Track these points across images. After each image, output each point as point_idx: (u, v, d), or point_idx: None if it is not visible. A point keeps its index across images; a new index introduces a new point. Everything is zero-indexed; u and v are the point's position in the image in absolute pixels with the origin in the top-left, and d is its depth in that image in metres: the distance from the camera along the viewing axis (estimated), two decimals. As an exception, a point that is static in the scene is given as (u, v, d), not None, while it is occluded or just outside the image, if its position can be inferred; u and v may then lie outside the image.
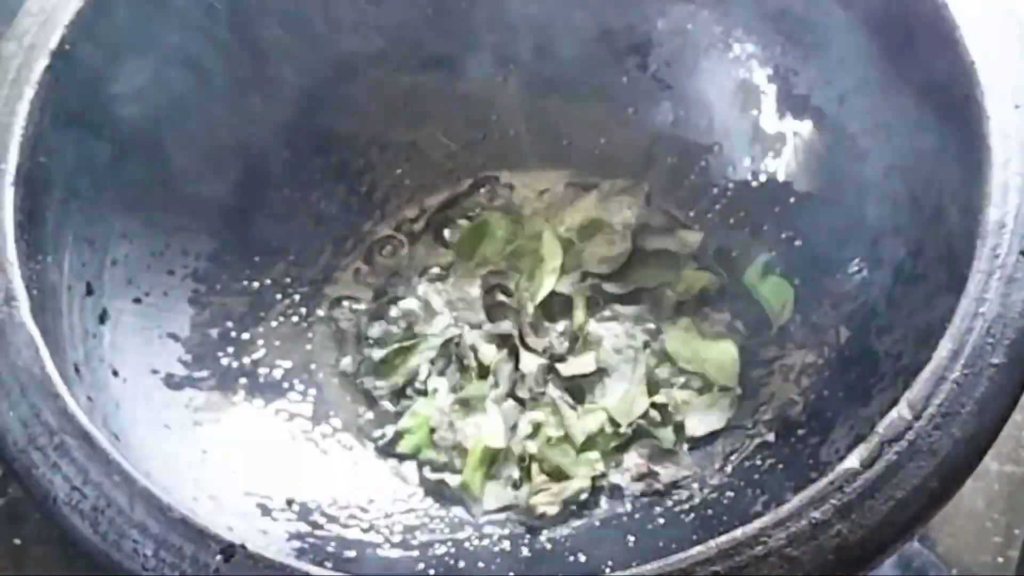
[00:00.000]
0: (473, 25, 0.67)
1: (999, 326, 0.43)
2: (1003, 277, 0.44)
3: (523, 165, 0.70)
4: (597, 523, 0.58)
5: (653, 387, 0.64)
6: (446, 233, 0.70)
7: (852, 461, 0.41)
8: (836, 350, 0.59)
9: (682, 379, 0.64)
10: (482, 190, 0.71)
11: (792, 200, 0.65)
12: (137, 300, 0.59)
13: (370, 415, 0.64)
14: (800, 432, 0.57)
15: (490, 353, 0.64)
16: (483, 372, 0.64)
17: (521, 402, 0.64)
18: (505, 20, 0.67)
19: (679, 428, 0.62)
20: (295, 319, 0.66)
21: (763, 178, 0.66)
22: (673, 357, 0.64)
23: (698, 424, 0.62)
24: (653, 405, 0.63)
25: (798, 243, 0.64)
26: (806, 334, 0.61)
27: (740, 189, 0.66)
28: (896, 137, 0.58)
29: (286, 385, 0.63)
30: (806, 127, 0.64)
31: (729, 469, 0.59)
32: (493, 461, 0.61)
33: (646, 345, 0.65)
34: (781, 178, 0.65)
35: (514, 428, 0.62)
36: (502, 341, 0.65)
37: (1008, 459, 0.63)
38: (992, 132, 0.47)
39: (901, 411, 0.42)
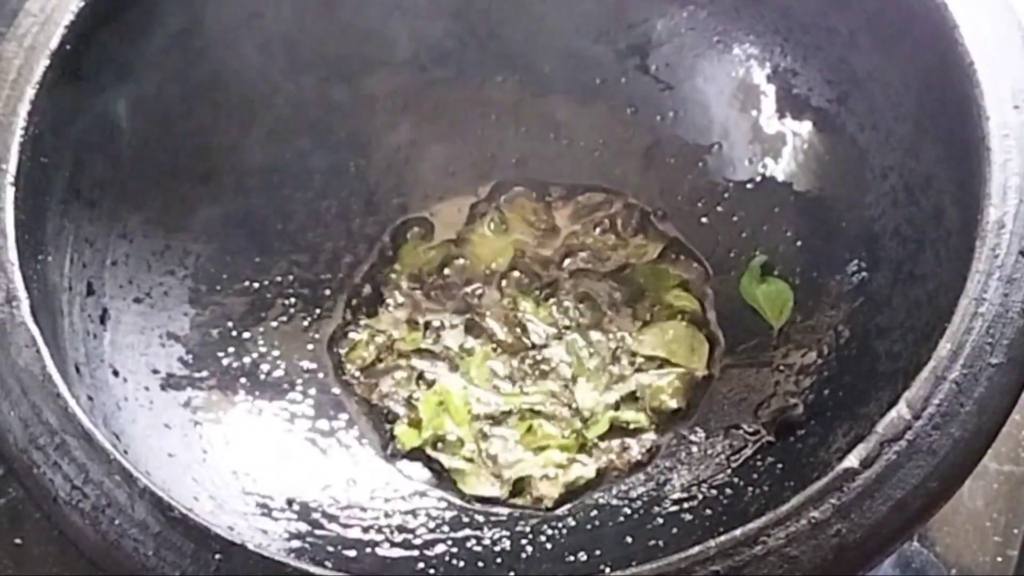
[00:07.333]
0: (472, 25, 0.67)
1: (998, 326, 0.43)
2: (1002, 277, 0.44)
3: (521, 167, 0.70)
4: (596, 523, 0.58)
5: (619, 378, 0.64)
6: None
7: (851, 461, 0.41)
8: (836, 350, 0.59)
9: (650, 366, 0.64)
10: (481, 193, 0.71)
11: (792, 200, 0.65)
12: (137, 300, 0.59)
13: (369, 415, 0.64)
14: (800, 432, 0.57)
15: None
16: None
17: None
18: (504, 20, 0.67)
19: (654, 411, 0.62)
20: (296, 319, 0.66)
21: (763, 178, 0.66)
22: (637, 349, 0.65)
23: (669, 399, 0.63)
24: (623, 397, 0.63)
25: (798, 243, 0.64)
26: (806, 334, 0.61)
27: (740, 189, 0.66)
28: (896, 137, 0.58)
29: (286, 385, 0.63)
30: (806, 127, 0.64)
31: (729, 469, 0.59)
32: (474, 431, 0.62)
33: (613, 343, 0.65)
34: (781, 178, 0.65)
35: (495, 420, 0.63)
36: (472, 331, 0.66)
37: (1008, 459, 0.63)
38: (992, 132, 0.47)
39: (900, 411, 0.42)
